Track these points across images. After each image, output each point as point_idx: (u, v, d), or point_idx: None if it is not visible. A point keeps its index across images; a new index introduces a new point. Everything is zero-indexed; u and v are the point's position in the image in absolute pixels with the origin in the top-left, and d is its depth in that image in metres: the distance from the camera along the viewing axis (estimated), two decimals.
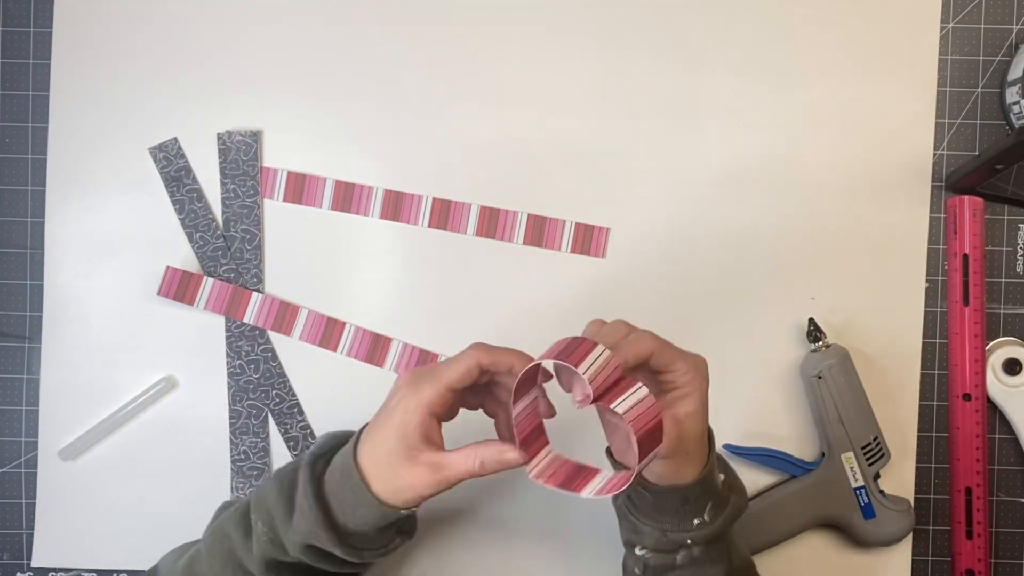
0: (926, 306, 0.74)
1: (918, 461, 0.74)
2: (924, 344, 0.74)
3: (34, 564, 0.74)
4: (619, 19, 0.74)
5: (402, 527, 0.62)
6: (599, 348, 0.52)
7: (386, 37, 0.74)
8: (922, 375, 0.74)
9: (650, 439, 0.52)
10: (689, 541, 0.57)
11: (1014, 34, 0.74)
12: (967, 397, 0.73)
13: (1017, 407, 0.73)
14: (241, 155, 0.74)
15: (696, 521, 0.57)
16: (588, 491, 0.54)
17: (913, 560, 0.74)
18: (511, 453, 0.55)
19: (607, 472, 0.56)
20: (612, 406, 0.51)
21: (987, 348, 0.74)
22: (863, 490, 0.70)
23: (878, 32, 0.74)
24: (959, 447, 0.73)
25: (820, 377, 0.70)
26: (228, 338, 0.74)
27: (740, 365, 0.73)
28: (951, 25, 0.75)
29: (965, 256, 0.73)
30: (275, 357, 0.74)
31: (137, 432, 0.74)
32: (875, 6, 0.74)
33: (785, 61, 0.74)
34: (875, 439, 0.70)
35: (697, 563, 0.57)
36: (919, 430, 0.74)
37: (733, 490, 0.60)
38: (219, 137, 0.74)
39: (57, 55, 0.74)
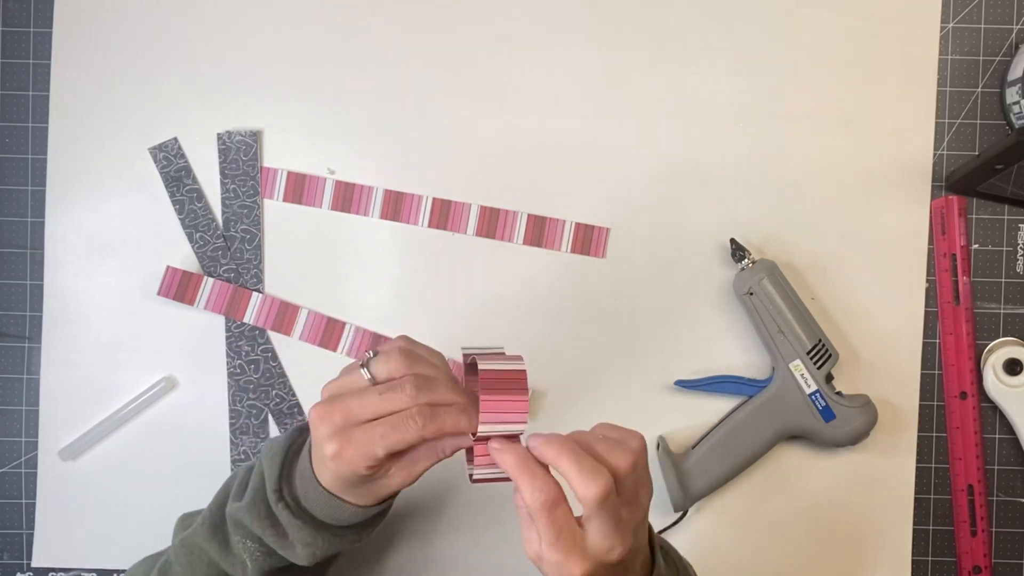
0: (926, 306, 0.74)
1: (918, 461, 0.74)
2: (924, 344, 0.74)
3: (34, 564, 0.74)
4: (619, 19, 0.74)
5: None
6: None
7: (386, 37, 0.74)
8: (922, 375, 0.74)
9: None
10: None
11: (1014, 34, 0.74)
12: (963, 395, 0.73)
13: (1017, 407, 0.73)
14: (241, 155, 0.74)
15: None
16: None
17: (913, 560, 0.74)
18: (462, 420, 0.53)
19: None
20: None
21: (987, 348, 0.74)
22: (817, 394, 0.71)
23: (878, 32, 0.74)
24: (959, 446, 0.73)
25: (751, 293, 0.71)
26: (228, 338, 0.74)
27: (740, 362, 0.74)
28: (951, 25, 0.75)
29: (953, 256, 0.73)
30: (275, 357, 0.74)
31: (137, 432, 0.74)
32: (875, 6, 0.74)
33: (785, 61, 0.74)
34: (819, 342, 0.71)
35: None
36: (919, 430, 0.74)
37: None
38: (219, 137, 0.74)
39: (57, 55, 0.74)
